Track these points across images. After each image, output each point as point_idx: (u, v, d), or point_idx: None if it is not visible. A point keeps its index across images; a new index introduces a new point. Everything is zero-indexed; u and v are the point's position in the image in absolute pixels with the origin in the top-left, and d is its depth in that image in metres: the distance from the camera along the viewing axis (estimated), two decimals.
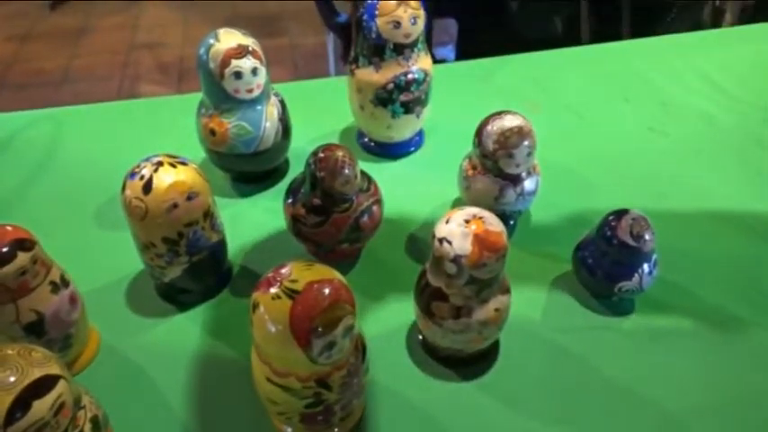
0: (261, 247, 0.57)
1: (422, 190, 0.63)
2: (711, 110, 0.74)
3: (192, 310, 0.51)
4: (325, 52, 1.93)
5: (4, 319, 0.40)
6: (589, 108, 0.74)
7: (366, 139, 0.68)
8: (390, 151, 0.67)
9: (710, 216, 0.59)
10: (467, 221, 0.39)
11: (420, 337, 0.48)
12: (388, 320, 0.50)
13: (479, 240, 0.38)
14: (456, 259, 0.39)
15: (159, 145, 0.48)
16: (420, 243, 0.57)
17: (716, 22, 1.54)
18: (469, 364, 0.46)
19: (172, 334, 0.49)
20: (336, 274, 0.36)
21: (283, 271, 0.36)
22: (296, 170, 0.64)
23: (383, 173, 0.59)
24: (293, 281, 0.35)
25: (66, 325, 0.43)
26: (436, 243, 0.40)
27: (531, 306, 0.51)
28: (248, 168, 0.61)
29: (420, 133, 0.69)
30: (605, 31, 1.40)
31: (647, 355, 0.47)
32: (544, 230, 0.58)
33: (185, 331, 0.50)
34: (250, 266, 0.55)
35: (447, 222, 0.40)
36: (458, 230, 0.39)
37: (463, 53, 0.60)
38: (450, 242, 0.39)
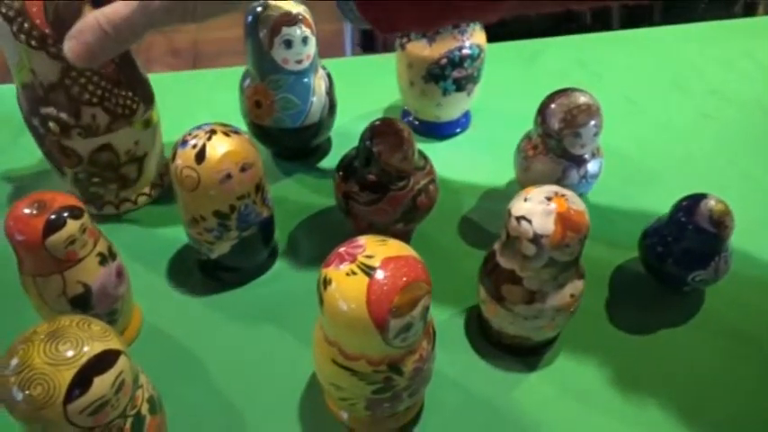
0: (305, 225, 0.55)
1: (471, 172, 0.60)
2: (766, 98, 0.71)
3: (237, 288, 0.49)
4: (341, 40, 1.90)
5: (50, 291, 0.38)
6: (640, 93, 0.71)
7: (411, 118, 0.65)
8: (437, 131, 0.64)
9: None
10: (548, 199, 0.36)
11: (481, 323, 0.45)
12: (445, 306, 0.47)
13: (563, 219, 0.36)
14: (536, 239, 0.36)
15: (197, 119, 0.46)
16: (473, 226, 0.54)
17: (748, 15, 1.51)
18: (534, 353, 0.44)
19: (216, 312, 0.47)
20: (412, 251, 0.34)
21: (357, 245, 0.33)
22: (339, 148, 0.61)
23: (429, 154, 0.56)
24: (369, 256, 0.32)
25: (113, 300, 0.41)
26: (513, 222, 0.37)
27: (595, 295, 0.48)
28: (292, 144, 0.59)
29: (467, 114, 0.66)
30: (637, 22, 1.37)
31: (717, 351, 0.45)
32: (605, 216, 0.55)
33: (230, 310, 0.47)
34: (295, 245, 0.53)
35: (525, 200, 0.37)
36: (539, 208, 0.36)
37: (490, 35, 0.58)
38: (529, 221, 0.36)
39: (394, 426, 0.39)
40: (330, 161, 0.61)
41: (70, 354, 0.28)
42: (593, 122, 0.48)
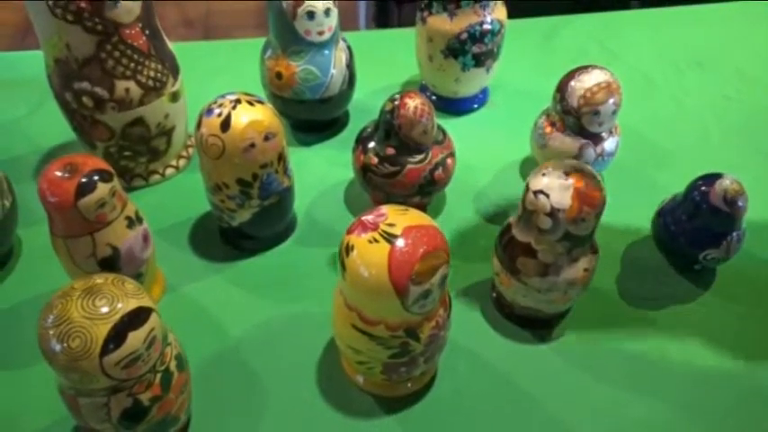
0: (323, 197, 0.56)
1: (487, 148, 0.60)
2: None
3: (257, 256, 0.50)
4: (355, 14, 1.88)
5: (80, 252, 0.39)
6: (660, 72, 0.71)
7: (428, 94, 0.65)
8: (454, 107, 0.65)
9: None
10: (566, 174, 0.37)
11: (494, 295, 0.46)
12: (458, 278, 0.48)
13: (580, 194, 0.37)
14: (553, 213, 0.37)
15: (217, 89, 0.46)
16: (487, 201, 0.55)
17: None
18: (546, 326, 0.45)
19: (236, 279, 0.48)
20: (432, 221, 0.35)
21: (380, 214, 0.34)
22: (356, 122, 0.62)
23: (447, 129, 0.57)
24: (391, 224, 0.33)
25: (139, 263, 0.42)
26: (530, 196, 0.38)
27: (607, 271, 0.49)
28: (311, 116, 0.59)
29: (485, 90, 0.66)
30: (658, 1, 1.35)
31: (727, 328, 0.46)
32: (619, 194, 0.55)
33: (250, 276, 0.49)
34: (313, 217, 0.54)
35: (544, 175, 0.38)
36: (556, 183, 0.37)
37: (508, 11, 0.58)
38: (547, 195, 0.37)
39: (408, 391, 0.41)
40: (348, 135, 0.62)
41: (106, 309, 0.29)
42: (612, 100, 0.48)
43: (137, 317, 0.30)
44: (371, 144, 0.49)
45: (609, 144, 0.51)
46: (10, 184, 0.47)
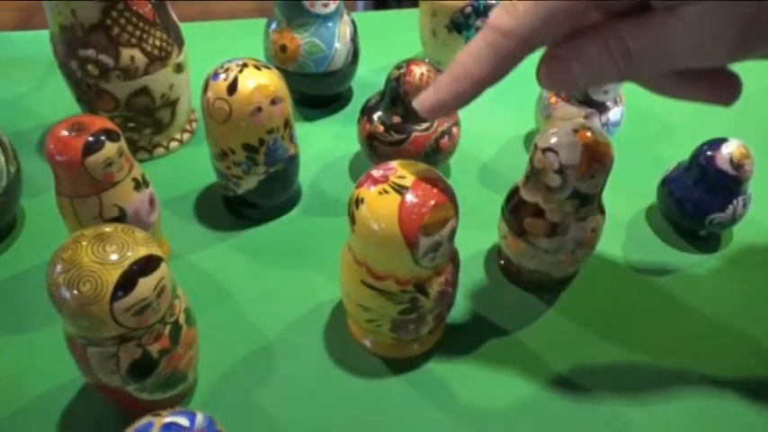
0: (327, 169, 0.56)
1: (492, 121, 0.61)
2: None
3: (262, 225, 0.50)
4: (354, 4, 1.89)
5: (87, 212, 0.39)
6: None
7: None
8: None
9: None
10: (575, 131, 0.37)
11: (501, 261, 0.46)
12: (464, 246, 0.48)
13: (588, 150, 0.37)
14: (562, 170, 0.37)
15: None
16: (492, 172, 0.55)
17: None
18: (552, 290, 0.45)
19: (241, 246, 0.48)
20: (440, 174, 0.35)
21: (389, 167, 0.34)
22: (360, 98, 0.62)
23: None
24: (401, 176, 0.33)
25: (146, 226, 0.42)
26: (538, 154, 0.38)
27: (612, 239, 0.49)
28: (315, 90, 0.59)
29: None
30: None
31: (733, 293, 0.46)
32: (624, 165, 0.55)
33: (255, 244, 0.48)
34: (318, 189, 0.54)
35: (552, 133, 0.38)
36: (565, 140, 0.37)
37: None
38: (556, 152, 0.37)
39: (416, 352, 0.41)
40: (351, 111, 0.62)
41: (116, 256, 0.29)
42: None
43: (147, 264, 0.30)
44: (377, 114, 0.49)
45: (614, 114, 0.51)
46: (15, 153, 0.47)
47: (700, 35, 0.23)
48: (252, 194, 0.48)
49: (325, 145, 0.58)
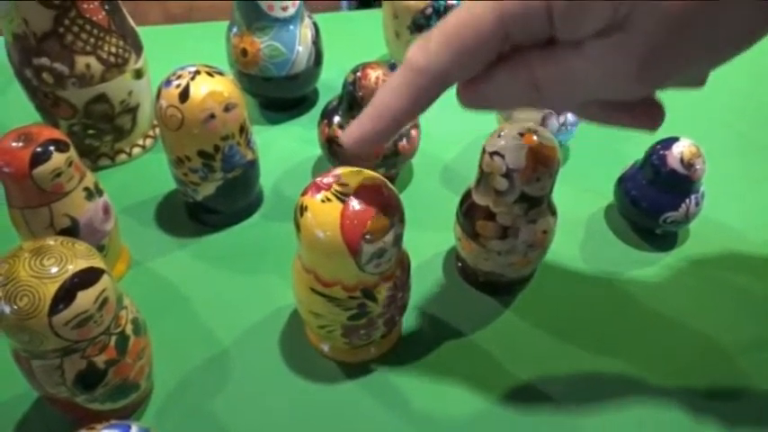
0: (290, 173, 0.56)
1: (454, 122, 0.60)
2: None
3: (223, 231, 0.50)
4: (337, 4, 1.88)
5: (38, 223, 0.39)
6: None
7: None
8: None
9: (754, 162, 0.57)
10: (521, 135, 0.38)
11: (459, 264, 0.47)
12: (424, 248, 0.49)
13: (534, 154, 0.37)
14: (508, 174, 0.37)
15: None
16: (454, 174, 0.55)
17: None
18: (508, 291, 0.45)
19: (201, 253, 0.48)
20: (386, 181, 0.35)
21: (333, 175, 0.34)
22: (325, 100, 0.61)
23: None
24: (343, 185, 0.33)
25: (100, 235, 0.42)
26: (486, 158, 0.38)
27: (570, 239, 0.49)
28: (278, 94, 0.59)
29: None
30: None
31: (689, 290, 0.46)
32: (583, 164, 0.56)
33: (215, 250, 0.49)
34: (280, 192, 0.54)
35: (499, 136, 0.38)
36: (511, 144, 0.37)
37: None
38: (502, 156, 0.37)
39: (372, 356, 0.41)
40: (316, 113, 0.62)
41: (55, 269, 0.29)
42: None
43: (86, 277, 0.30)
44: (337, 117, 0.49)
45: (572, 114, 0.51)
46: None
47: (603, 71, 0.24)
48: (211, 200, 0.48)
49: (288, 148, 0.58)
